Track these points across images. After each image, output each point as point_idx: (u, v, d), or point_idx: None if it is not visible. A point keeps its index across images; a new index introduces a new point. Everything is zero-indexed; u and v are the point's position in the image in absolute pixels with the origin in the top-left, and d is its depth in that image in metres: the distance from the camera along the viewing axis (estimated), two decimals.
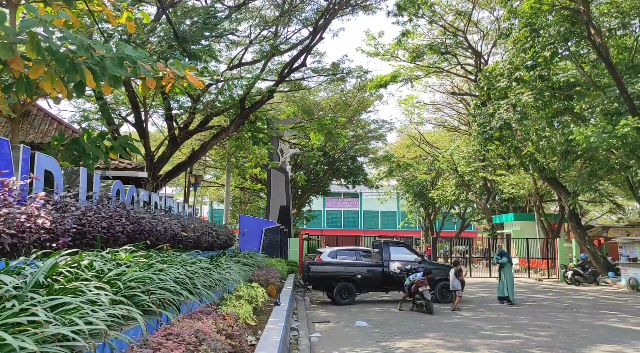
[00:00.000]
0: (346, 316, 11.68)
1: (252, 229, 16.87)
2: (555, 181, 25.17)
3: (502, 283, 14.56)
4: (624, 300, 16.11)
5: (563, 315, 12.33)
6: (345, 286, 13.88)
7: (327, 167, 44.31)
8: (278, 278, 10.90)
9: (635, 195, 23.18)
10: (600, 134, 17.92)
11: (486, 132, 21.33)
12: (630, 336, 9.51)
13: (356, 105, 38.49)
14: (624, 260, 20.70)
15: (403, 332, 9.63)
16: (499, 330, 9.92)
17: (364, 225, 75.43)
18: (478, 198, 38.59)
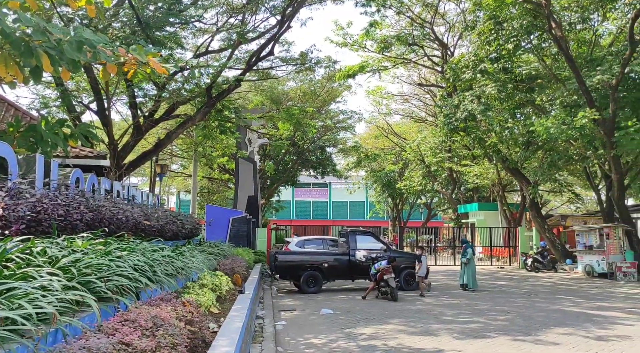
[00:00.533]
0: (312, 304, 11.78)
1: (219, 219, 16.75)
2: (517, 171, 25.87)
3: (464, 271, 14.94)
4: (579, 285, 16.78)
5: (521, 300, 12.76)
6: (312, 275, 13.98)
7: (296, 158, 44.32)
8: (244, 267, 10.89)
9: (592, 184, 24.08)
10: (559, 126, 18.49)
11: (451, 123, 21.72)
12: (583, 319, 9.93)
13: (325, 95, 38.52)
14: (580, 248, 21.51)
15: (367, 318, 9.79)
16: (460, 316, 10.20)
17: (333, 215, 75.86)
18: (444, 189, 39.33)
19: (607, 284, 17.31)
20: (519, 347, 7.44)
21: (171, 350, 2.84)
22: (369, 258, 13.58)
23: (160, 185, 22.76)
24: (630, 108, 19.73)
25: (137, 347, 2.48)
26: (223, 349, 3.79)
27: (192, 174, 28.59)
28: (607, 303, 12.44)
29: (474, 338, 8.01)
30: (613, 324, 9.44)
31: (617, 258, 19.29)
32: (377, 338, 8.02)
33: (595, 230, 20.64)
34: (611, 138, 18.50)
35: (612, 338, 8.19)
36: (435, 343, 7.68)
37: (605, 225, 20.26)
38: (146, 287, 4.04)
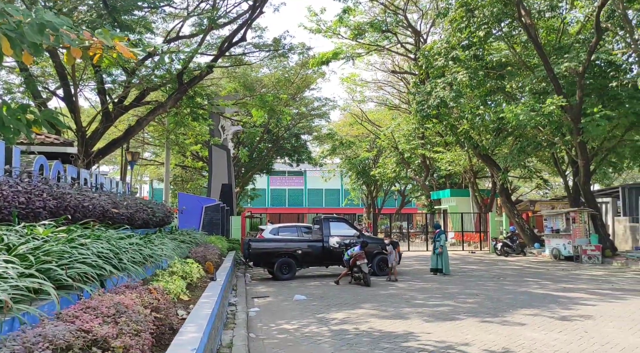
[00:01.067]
0: (286, 291, 11.82)
1: (192, 207, 16.59)
2: (488, 158, 26.33)
3: (435, 256, 15.17)
4: (546, 268, 17.27)
5: (490, 283, 13.07)
6: (286, 262, 14.01)
7: (271, 145, 44.11)
8: (217, 255, 10.84)
9: (560, 170, 24.69)
10: (528, 112, 18.82)
11: (424, 110, 21.91)
12: (549, 301, 10.24)
13: (299, 82, 38.25)
14: (547, 232, 22.10)
15: (340, 303, 9.89)
16: (430, 299, 10.39)
17: (309, 203, 76.04)
18: (417, 175, 39.77)
19: (573, 267, 17.86)
20: (486, 328, 7.63)
21: (134, 336, 2.81)
22: (343, 244, 13.68)
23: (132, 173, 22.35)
24: (596, 95, 20.21)
25: (97, 333, 2.45)
26: (190, 335, 3.77)
27: (165, 162, 28.21)
28: (572, 285, 12.85)
29: (444, 321, 8.17)
30: (577, 305, 9.76)
31: (583, 242, 19.90)
32: (349, 322, 8.11)
33: (562, 215, 21.21)
34: (578, 124, 18.96)
35: (575, 318, 8.46)
36: (405, 326, 7.82)
37: (572, 210, 20.84)
38: (111, 274, 3.98)
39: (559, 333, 7.30)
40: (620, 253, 20.44)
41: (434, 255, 15.25)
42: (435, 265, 15.18)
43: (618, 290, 11.83)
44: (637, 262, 17.67)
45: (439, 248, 15.02)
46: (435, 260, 15.18)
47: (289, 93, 39.41)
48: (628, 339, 6.98)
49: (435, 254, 15.20)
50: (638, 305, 9.76)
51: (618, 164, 22.85)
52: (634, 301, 10.24)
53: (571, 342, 6.82)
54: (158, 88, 18.53)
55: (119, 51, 6.83)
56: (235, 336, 6.59)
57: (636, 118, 19.26)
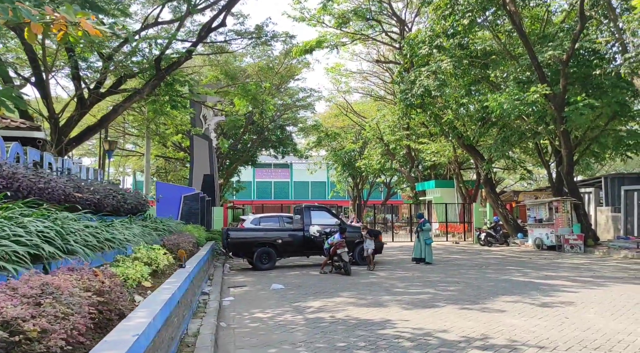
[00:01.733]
0: (265, 280, 11.53)
1: (170, 196, 16.18)
2: (473, 148, 26.23)
3: (418, 246, 14.96)
4: (529, 257, 17.20)
5: (472, 272, 12.91)
6: (266, 251, 13.71)
7: (256, 137, 43.64)
8: (191, 243, 10.51)
9: (543, 160, 24.67)
10: (512, 102, 18.67)
11: (407, 99, 21.66)
12: (530, 288, 10.08)
13: (283, 72, 37.84)
14: (530, 222, 22.08)
15: (318, 292, 9.63)
16: (410, 287, 10.18)
17: (295, 195, 75.74)
18: (402, 167, 39.63)
19: (555, 256, 17.83)
20: (465, 315, 7.42)
21: (61, 320, 2.49)
22: (323, 233, 13.41)
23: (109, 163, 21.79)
24: (580, 84, 20.14)
25: (6, 314, 2.13)
26: (138, 320, 3.46)
27: (145, 152, 27.64)
28: (554, 272, 12.74)
29: (423, 308, 7.95)
30: (558, 291, 9.61)
31: (565, 231, 19.89)
32: (325, 310, 7.85)
33: (545, 204, 21.19)
34: (561, 113, 18.87)
35: (556, 304, 8.30)
36: (383, 313, 7.58)
37: (555, 199, 20.82)
38: (53, 257, 3.64)
39: (539, 320, 7.12)
40: (602, 243, 20.50)
41: (418, 244, 15.04)
42: (419, 255, 14.98)
43: (599, 278, 11.74)
44: (619, 251, 17.69)
45: (430, 237, 15.11)
46: (418, 249, 14.99)
47: (273, 83, 38.97)
48: (609, 325, 6.82)
49: (421, 243, 14.94)
50: (619, 291, 9.65)
51: (600, 154, 22.85)
52: (615, 288, 10.14)
53: (552, 327, 6.63)
54: (136, 75, 18.04)
55: (83, 28, 6.42)
56: (204, 325, 6.28)
57: (619, 107, 19.23)
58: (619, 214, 21.62)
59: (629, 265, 14.73)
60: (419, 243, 15.03)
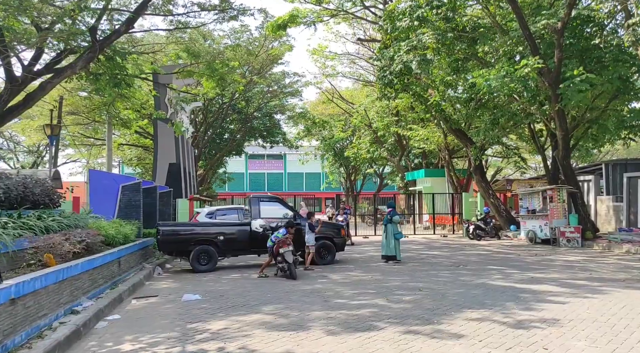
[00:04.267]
0: (191, 286, 9.51)
1: (107, 186, 14.09)
2: (462, 133, 24.10)
3: (387, 241, 12.91)
4: (517, 253, 15.14)
5: (445, 273, 10.86)
6: (204, 250, 11.65)
7: (241, 125, 41.58)
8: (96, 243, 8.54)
9: (537, 144, 22.52)
10: (501, 78, 16.53)
11: (385, 77, 19.46)
12: (507, 296, 8.04)
13: (264, 55, 35.69)
14: (523, 213, 20.01)
15: (236, 306, 7.59)
16: (357, 297, 8.13)
17: (289, 187, 73.96)
18: (392, 155, 37.55)
19: (548, 251, 15.78)
20: (405, 344, 5.38)
21: None
22: (268, 228, 11.34)
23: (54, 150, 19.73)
24: (578, 59, 17.95)
25: None
26: None
27: (107, 139, 25.55)
28: (542, 273, 10.69)
29: (354, 331, 5.92)
30: (541, 302, 7.56)
31: (561, 223, 17.82)
32: (221, 336, 5.82)
33: (539, 193, 19.09)
34: (556, 90, 16.74)
35: (535, 323, 6.27)
36: (294, 342, 5.55)
37: (549, 187, 18.71)
38: None
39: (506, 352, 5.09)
40: (602, 235, 18.44)
41: (386, 240, 12.95)
42: (390, 252, 12.87)
43: (596, 280, 9.69)
44: (621, 245, 15.63)
45: (400, 231, 13.00)
46: (387, 246, 12.89)
47: (255, 67, 36.84)
48: None
49: (389, 238, 12.86)
50: (620, 301, 7.60)
51: (600, 137, 20.66)
52: (615, 295, 8.09)
53: None
54: (73, 51, 15.93)
55: None
56: None
57: (621, 83, 17.07)
58: (621, 204, 19.53)
59: (631, 262, 12.66)
60: (386, 238, 12.95)
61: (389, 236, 12.82)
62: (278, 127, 44.46)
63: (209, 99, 36.94)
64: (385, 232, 12.98)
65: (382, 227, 13.28)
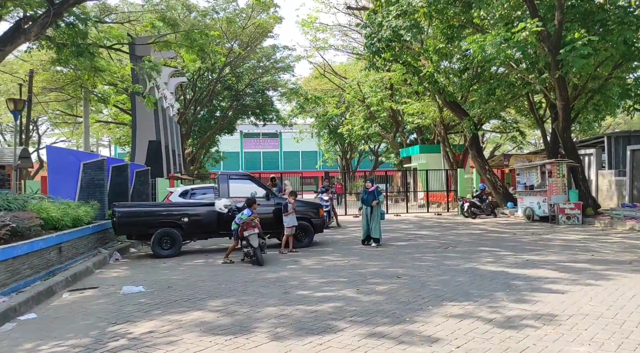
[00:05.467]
0: (141, 276, 8.42)
1: (66, 165, 12.90)
2: (457, 106, 22.78)
3: (367, 222, 11.69)
4: (513, 232, 14.06)
5: (431, 256, 9.77)
6: (167, 233, 10.54)
7: (232, 102, 40.20)
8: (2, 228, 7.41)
9: (536, 116, 21.26)
10: (498, 44, 15.21)
11: (373, 44, 18.09)
12: (497, 285, 6.95)
13: (252, 28, 34.12)
14: (520, 189, 18.89)
15: (179, 300, 6.50)
16: (324, 287, 7.04)
17: (285, 165, 73.05)
18: (386, 131, 36.32)
19: (546, 229, 14.71)
20: (364, 352, 4.30)
21: None
22: (234, 208, 10.21)
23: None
24: (580, 22, 16.60)
25: None
26: None
27: (83, 116, 24.26)
28: (539, 255, 9.62)
29: (305, 335, 4.83)
30: (536, 292, 6.49)
31: (560, 199, 16.72)
32: (140, 344, 4.72)
33: (537, 168, 17.93)
34: (556, 56, 15.44)
35: (527, 320, 5.18)
36: (228, 351, 4.46)
37: (548, 161, 17.56)
38: None
39: None
40: (604, 212, 17.37)
41: (367, 221, 11.76)
42: (376, 233, 11.59)
43: (599, 263, 8.61)
44: (624, 222, 14.56)
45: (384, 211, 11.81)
46: (367, 227, 11.73)
47: (243, 40, 35.30)
48: None
49: (370, 219, 11.61)
50: (628, 290, 6.52)
51: (602, 107, 19.35)
52: (621, 282, 7.01)
53: None
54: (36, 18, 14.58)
55: None
56: None
57: (626, 49, 15.74)
58: (624, 178, 18.41)
59: (636, 240, 11.60)
60: (369, 220, 11.63)
61: (375, 218, 11.54)
62: (270, 104, 43.12)
63: (198, 75, 35.56)
64: (367, 213, 11.70)
65: (363, 207, 11.93)
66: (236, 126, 46.48)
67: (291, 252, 10.68)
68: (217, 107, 41.46)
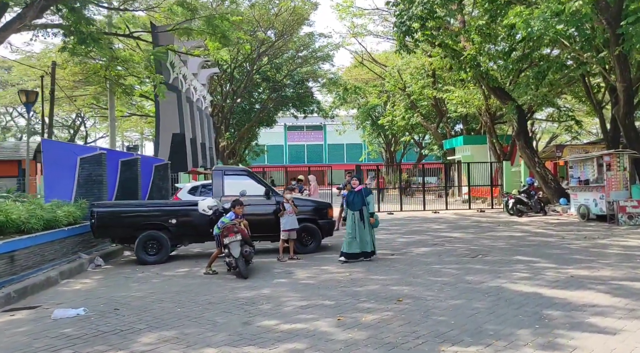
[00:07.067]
0: (103, 291, 7.26)
1: (63, 160, 12.05)
2: (502, 91, 20.54)
3: (358, 231, 8.86)
4: (561, 235, 12.03)
5: (451, 268, 8.08)
6: (152, 236, 9.39)
7: (273, 94, 39.21)
8: None
9: (593, 101, 18.75)
10: (546, 18, 13.13)
11: (404, 23, 16.25)
12: (525, 315, 5.25)
13: (286, 15, 32.82)
14: (573, 184, 16.61)
15: (108, 333, 5.21)
16: (299, 315, 5.57)
17: (329, 158, 71.82)
18: (428, 121, 34.19)
19: (603, 231, 12.56)
20: None
21: None
22: (221, 209, 8.89)
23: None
24: None
25: None
26: None
27: (109, 109, 23.81)
28: (588, 268, 7.75)
29: None
30: (576, 330, 4.76)
31: (621, 196, 14.42)
32: None
33: (593, 160, 15.62)
34: (616, 30, 13.17)
35: None
36: None
37: (606, 152, 15.23)
38: None
39: None
40: None
41: (355, 226, 8.88)
42: (369, 246, 8.91)
43: None
44: None
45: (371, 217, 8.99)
46: (362, 239, 8.86)
47: (277, 28, 34.08)
48: None
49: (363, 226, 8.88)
50: None
51: None
52: None
53: None
54: None
55: None
56: None
57: None
58: None
59: None
60: (359, 228, 8.84)
61: (366, 225, 8.91)
62: (310, 95, 41.86)
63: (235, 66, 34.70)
64: (356, 219, 8.96)
65: (349, 212, 9.23)
66: (277, 118, 45.45)
67: (292, 259, 9.30)
68: (256, 100, 40.56)
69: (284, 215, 9.37)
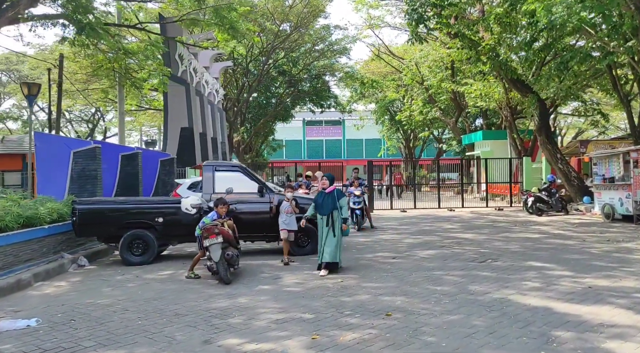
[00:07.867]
0: (74, 296, 6.73)
1: (56, 154, 11.64)
2: (522, 84, 19.49)
3: (330, 240, 7.75)
4: (582, 237, 11.10)
5: (455, 275, 7.32)
6: (138, 235, 8.84)
7: (289, 88, 38.57)
8: None
9: (620, 94, 17.58)
10: (568, 4, 12.18)
11: (416, 10, 15.37)
12: (529, 336, 4.49)
13: (302, 7, 32.12)
14: (597, 181, 15.56)
15: (49, 350, 4.65)
16: (270, 332, 4.90)
17: (347, 153, 71.04)
18: (446, 116, 33.12)
19: (628, 233, 11.58)
20: None
21: None
22: (206, 208, 8.26)
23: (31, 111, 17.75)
24: None
25: None
26: None
27: (118, 102, 23.46)
28: (609, 277, 6.90)
29: None
30: None
31: None
32: None
33: (618, 156, 14.56)
34: None
35: None
36: None
37: (633, 148, 14.14)
38: None
39: None
40: None
41: (329, 239, 7.77)
42: (333, 257, 7.69)
43: None
44: None
45: None
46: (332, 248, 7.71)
47: (291, 19, 33.37)
48: None
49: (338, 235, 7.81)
50: None
51: None
52: None
53: None
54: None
55: None
56: None
57: None
58: None
59: None
60: (328, 236, 7.77)
61: (336, 232, 7.76)
62: (327, 89, 41.07)
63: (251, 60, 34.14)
64: (323, 226, 7.91)
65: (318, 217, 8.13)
66: (294, 113, 44.80)
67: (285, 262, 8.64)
68: (272, 94, 39.97)
69: (273, 212, 8.74)
